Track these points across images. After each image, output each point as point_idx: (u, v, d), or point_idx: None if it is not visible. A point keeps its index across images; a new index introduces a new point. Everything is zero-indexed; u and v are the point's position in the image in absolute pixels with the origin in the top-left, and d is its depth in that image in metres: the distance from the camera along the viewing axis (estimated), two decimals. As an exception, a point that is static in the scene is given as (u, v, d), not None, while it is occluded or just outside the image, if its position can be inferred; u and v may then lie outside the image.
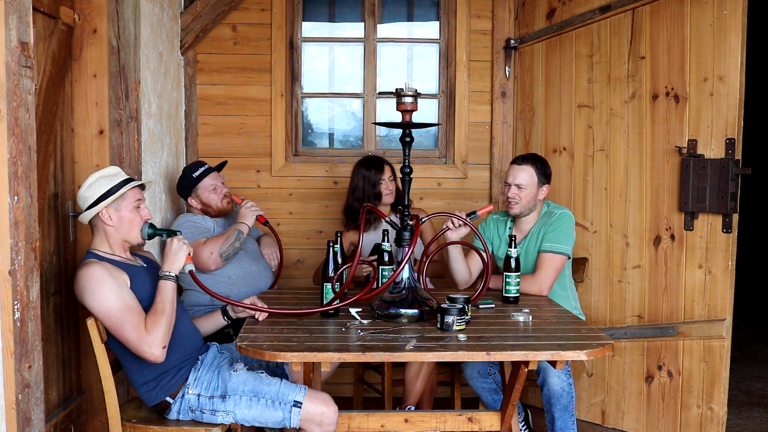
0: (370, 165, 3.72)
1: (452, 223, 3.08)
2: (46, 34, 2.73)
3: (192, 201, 3.51)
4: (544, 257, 3.22)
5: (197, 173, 3.49)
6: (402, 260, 2.70)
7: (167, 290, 2.53)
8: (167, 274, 2.55)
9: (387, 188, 3.69)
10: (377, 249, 3.13)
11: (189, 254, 2.61)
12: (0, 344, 2.00)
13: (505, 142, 4.27)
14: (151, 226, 2.68)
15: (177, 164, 3.97)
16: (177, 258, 2.57)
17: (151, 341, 2.44)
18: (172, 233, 2.65)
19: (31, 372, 2.08)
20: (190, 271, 2.60)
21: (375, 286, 2.90)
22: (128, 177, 2.63)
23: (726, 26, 3.27)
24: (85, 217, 2.57)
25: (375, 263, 3.11)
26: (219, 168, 3.61)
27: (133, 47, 3.14)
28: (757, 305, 6.80)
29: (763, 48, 6.06)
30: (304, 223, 4.31)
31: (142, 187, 2.69)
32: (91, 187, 2.56)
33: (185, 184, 3.51)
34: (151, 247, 3.44)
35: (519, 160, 3.33)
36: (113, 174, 2.60)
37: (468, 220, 3.04)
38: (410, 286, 2.75)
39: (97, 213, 2.55)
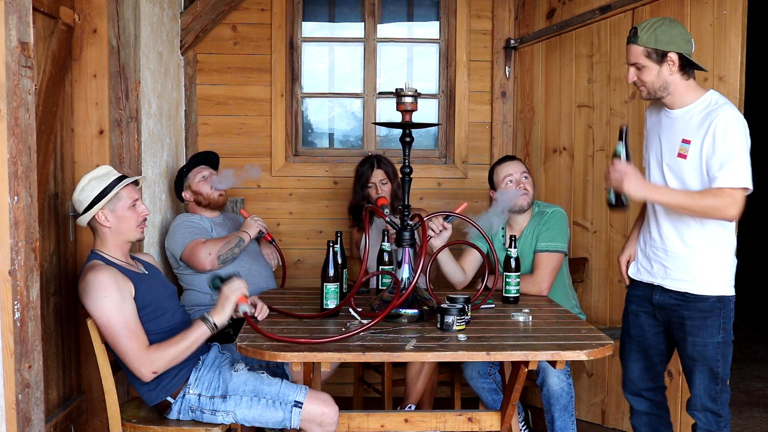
0: (365, 163, 3.76)
1: (432, 230, 3.03)
2: (46, 34, 2.73)
3: (185, 195, 3.57)
4: (541, 257, 3.22)
5: (187, 164, 3.62)
6: (417, 263, 2.65)
7: (199, 334, 2.52)
8: (211, 322, 2.52)
9: (378, 192, 3.67)
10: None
11: (244, 295, 2.55)
12: (0, 344, 2.00)
13: (505, 142, 4.27)
14: (219, 278, 2.64)
15: (177, 164, 3.96)
16: (225, 308, 2.53)
17: (148, 362, 2.45)
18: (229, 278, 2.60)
19: (31, 372, 2.08)
20: (245, 313, 2.51)
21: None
22: (120, 175, 2.62)
23: (726, 26, 3.27)
24: (83, 220, 2.57)
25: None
26: (208, 160, 3.66)
27: (133, 47, 3.14)
28: (757, 305, 6.80)
29: (763, 48, 6.07)
30: (304, 223, 4.31)
31: (135, 183, 2.69)
32: (84, 190, 2.55)
33: (178, 179, 3.61)
34: (151, 247, 3.44)
35: (507, 158, 3.40)
36: (105, 174, 2.58)
37: (449, 221, 3.02)
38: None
39: (94, 215, 2.55)
